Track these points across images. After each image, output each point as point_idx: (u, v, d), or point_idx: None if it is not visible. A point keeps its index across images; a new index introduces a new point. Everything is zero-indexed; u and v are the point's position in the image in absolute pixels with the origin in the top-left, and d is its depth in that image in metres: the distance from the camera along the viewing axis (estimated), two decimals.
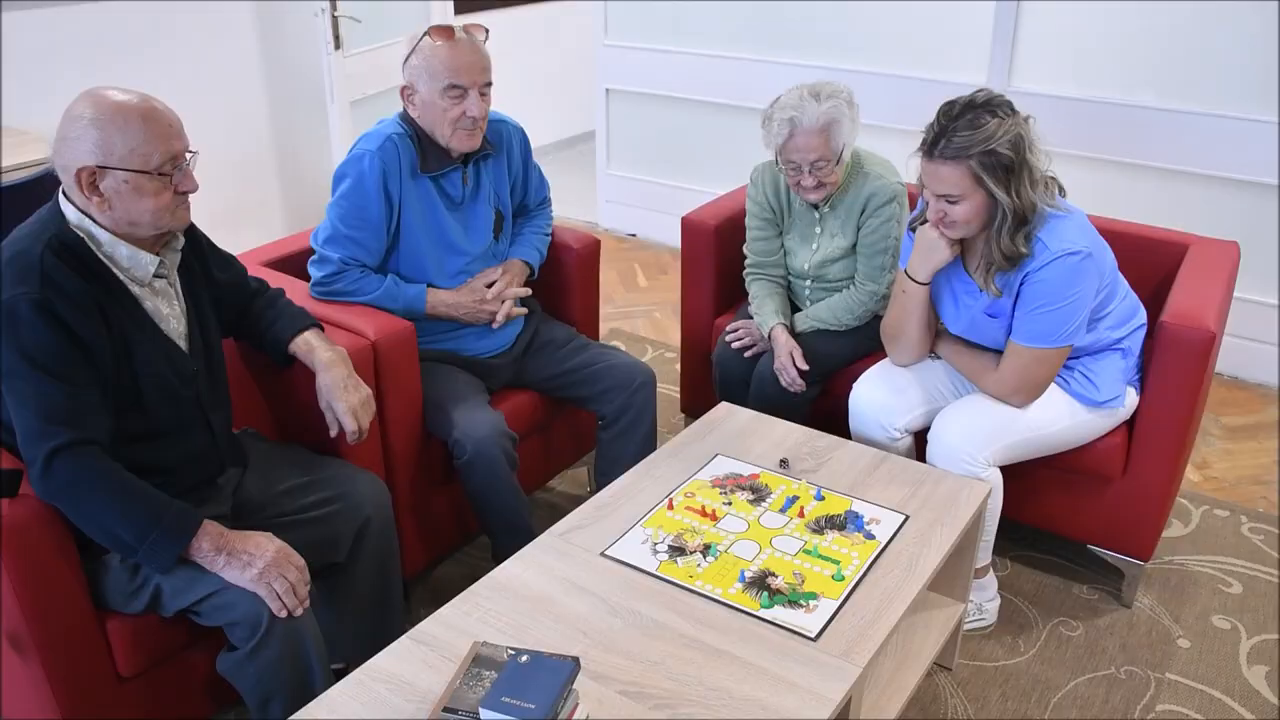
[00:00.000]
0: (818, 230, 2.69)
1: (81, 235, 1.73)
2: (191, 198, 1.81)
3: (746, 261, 2.81)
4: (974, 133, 2.04)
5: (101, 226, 1.74)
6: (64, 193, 1.75)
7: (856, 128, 2.53)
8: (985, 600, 2.44)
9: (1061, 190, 2.19)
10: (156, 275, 1.82)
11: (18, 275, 1.66)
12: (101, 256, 1.75)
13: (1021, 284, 2.16)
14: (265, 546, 1.77)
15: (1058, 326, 2.15)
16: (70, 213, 1.74)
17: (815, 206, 2.66)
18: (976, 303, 2.26)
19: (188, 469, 1.90)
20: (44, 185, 2.71)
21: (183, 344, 1.88)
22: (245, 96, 4.45)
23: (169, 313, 1.87)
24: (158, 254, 1.82)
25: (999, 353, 2.29)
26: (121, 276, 1.77)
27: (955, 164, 2.06)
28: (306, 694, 1.71)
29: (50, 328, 1.65)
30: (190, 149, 1.78)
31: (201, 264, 1.98)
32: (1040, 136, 2.12)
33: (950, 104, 2.10)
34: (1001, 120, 2.06)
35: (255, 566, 1.74)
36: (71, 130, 1.69)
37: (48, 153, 3.15)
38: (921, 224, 2.27)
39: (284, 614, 1.74)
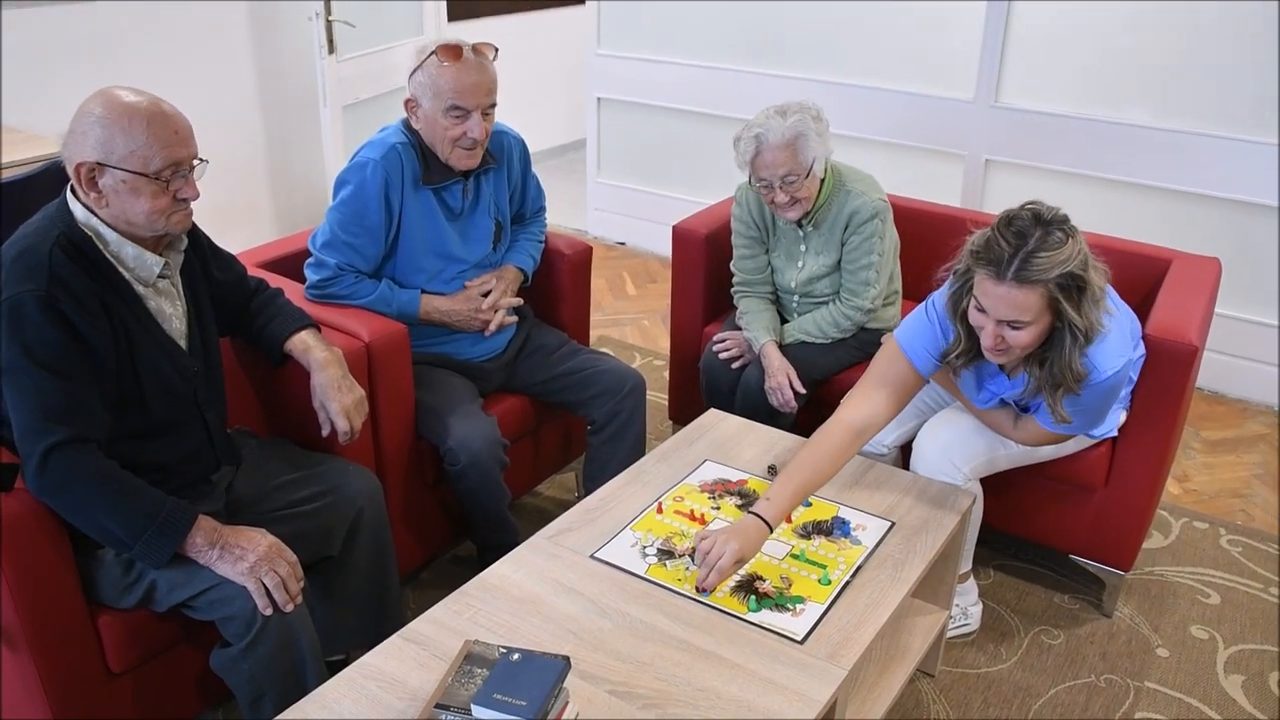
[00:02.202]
0: (802, 249, 2.72)
1: (89, 234, 1.75)
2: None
3: (734, 280, 2.84)
4: (1053, 254, 1.84)
5: (108, 225, 1.76)
6: (71, 190, 1.77)
7: (826, 142, 2.55)
8: (969, 605, 2.46)
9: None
10: (160, 275, 1.84)
11: (26, 271, 1.67)
12: (108, 256, 1.76)
13: None
14: (258, 541, 1.79)
15: (1091, 422, 2.17)
16: (78, 210, 1.75)
17: (800, 225, 2.68)
18: (1004, 390, 2.18)
19: (184, 466, 1.91)
20: (39, 183, 2.72)
21: (183, 343, 1.90)
22: (238, 99, 4.47)
23: (171, 312, 1.88)
24: (162, 255, 1.84)
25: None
26: (127, 276, 1.79)
27: (1032, 288, 1.86)
28: (299, 691, 1.72)
29: (54, 325, 1.66)
30: (199, 157, 1.79)
31: (202, 263, 1.99)
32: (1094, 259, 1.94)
33: (1011, 219, 1.89)
34: (1074, 238, 1.88)
35: (247, 560, 1.76)
36: (80, 125, 1.71)
37: (43, 150, 3.19)
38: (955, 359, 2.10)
39: (269, 611, 1.76)
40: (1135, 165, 3.59)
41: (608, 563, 1.90)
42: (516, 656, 1.51)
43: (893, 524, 2.04)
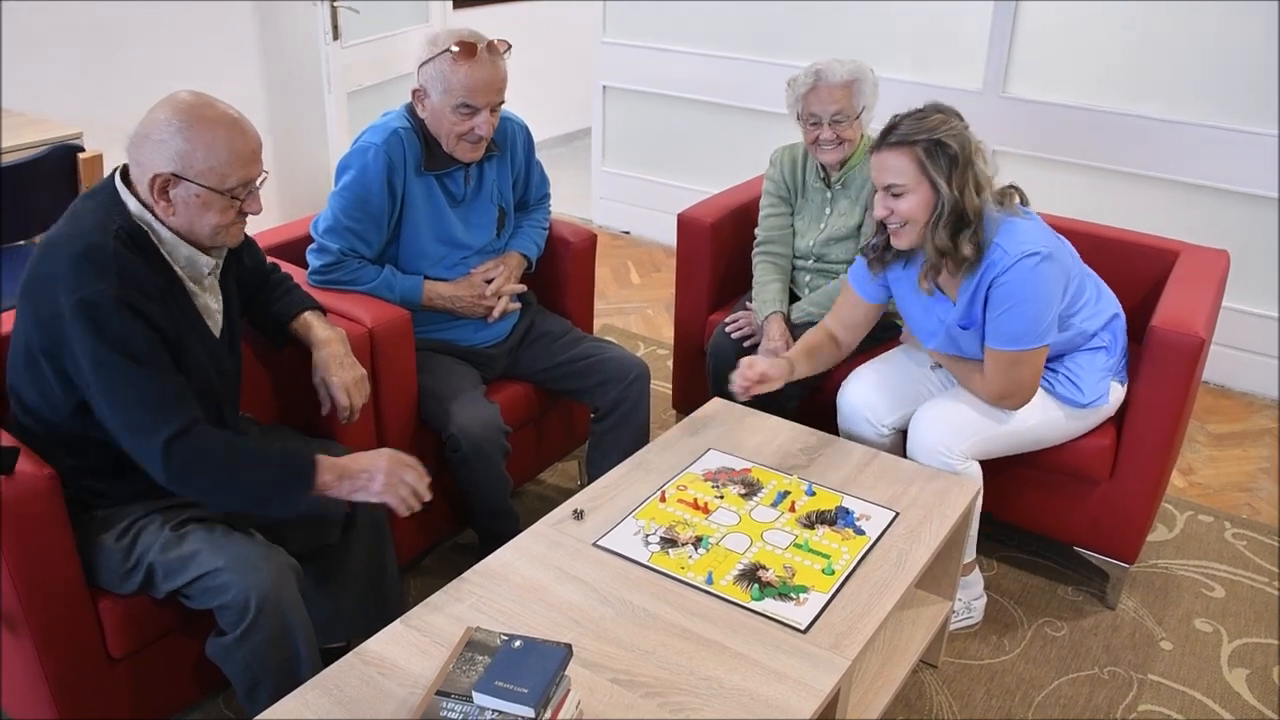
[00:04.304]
0: (827, 211, 2.76)
1: (144, 227, 1.74)
2: None
3: (756, 241, 2.86)
4: (920, 122, 2.10)
5: (162, 223, 1.75)
6: (121, 181, 1.75)
7: (876, 95, 2.64)
8: (972, 599, 2.46)
9: (1024, 199, 2.21)
10: (209, 273, 1.84)
11: (95, 271, 1.65)
12: (164, 252, 1.76)
13: (988, 290, 2.16)
14: (378, 463, 1.81)
15: (1028, 328, 2.15)
16: (132, 204, 1.74)
17: (828, 184, 2.72)
18: (948, 316, 2.26)
19: None
20: (42, 167, 2.71)
21: (221, 340, 1.90)
22: (243, 85, 4.45)
23: (216, 309, 1.89)
24: (211, 254, 1.84)
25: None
26: (179, 272, 1.79)
27: (901, 150, 2.10)
28: (294, 679, 1.72)
29: (135, 320, 1.66)
30: (264, 171, 1.80)
31: (235, 254, 1.98)
32: (990, 157, 2.17)
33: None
34: (948, 118, 2.11)
35: (376, 482, 1.80)
36: (157, 132, 1.69)
37: (46, 134, 3.18)
38: (866, 250, 2.35)
39: (408, 513, 1.82)
40: (1143, 157, 3.57)
41: (611, 551, 1.90)
42: (518, 644, 1.50)
43: (896, 514, 2.04)
